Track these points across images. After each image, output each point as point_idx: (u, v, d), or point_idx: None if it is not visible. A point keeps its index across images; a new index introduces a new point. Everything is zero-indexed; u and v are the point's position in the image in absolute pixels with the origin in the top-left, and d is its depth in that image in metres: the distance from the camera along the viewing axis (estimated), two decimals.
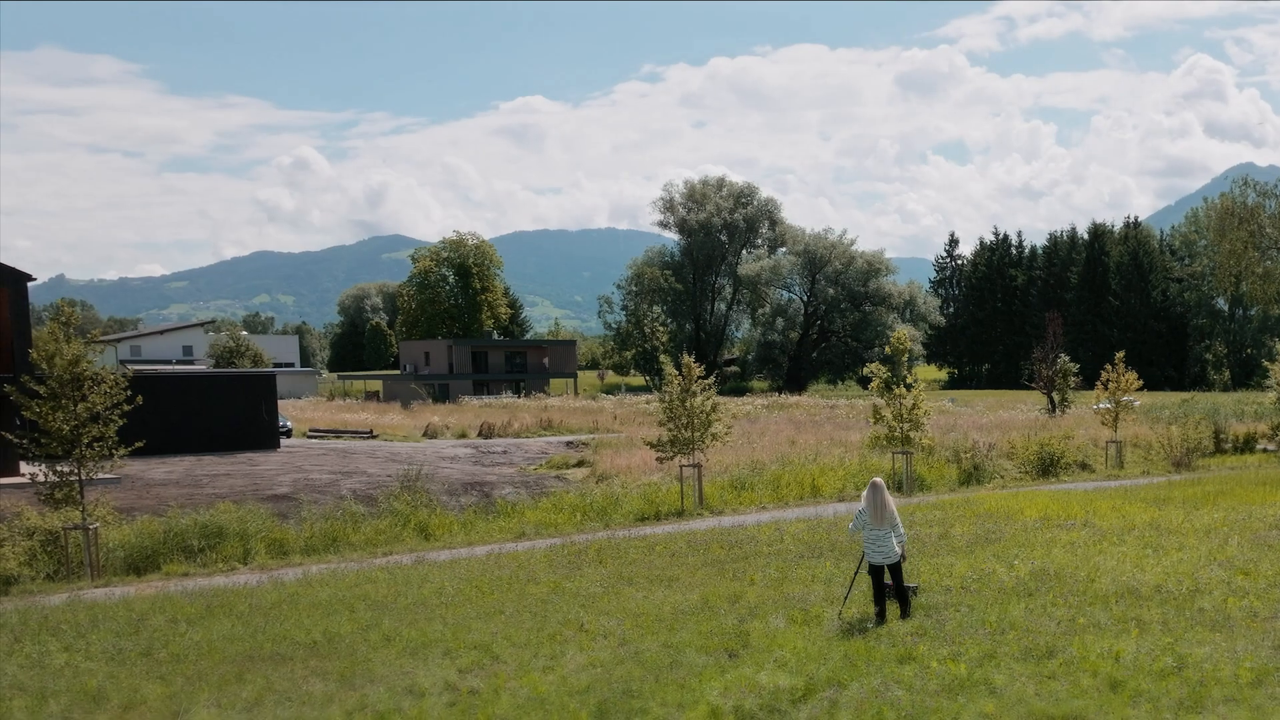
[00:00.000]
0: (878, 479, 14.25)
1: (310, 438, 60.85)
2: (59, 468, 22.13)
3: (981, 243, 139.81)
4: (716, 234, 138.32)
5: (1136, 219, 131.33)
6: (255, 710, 10.63)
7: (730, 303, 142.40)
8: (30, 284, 37.47)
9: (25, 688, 11.57)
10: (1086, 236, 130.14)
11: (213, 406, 48.58)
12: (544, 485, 35.83)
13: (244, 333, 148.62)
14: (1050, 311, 77.84)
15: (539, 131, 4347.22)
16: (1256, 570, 15.89)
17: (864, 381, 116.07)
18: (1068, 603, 14.12)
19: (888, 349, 35.29)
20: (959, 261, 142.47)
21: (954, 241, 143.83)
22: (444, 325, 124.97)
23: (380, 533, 25.78)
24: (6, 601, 17.86)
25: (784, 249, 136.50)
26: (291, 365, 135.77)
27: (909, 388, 33.84)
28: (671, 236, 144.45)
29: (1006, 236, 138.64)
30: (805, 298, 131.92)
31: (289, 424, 62.45)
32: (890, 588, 13.98)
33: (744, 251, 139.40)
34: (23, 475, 30.21)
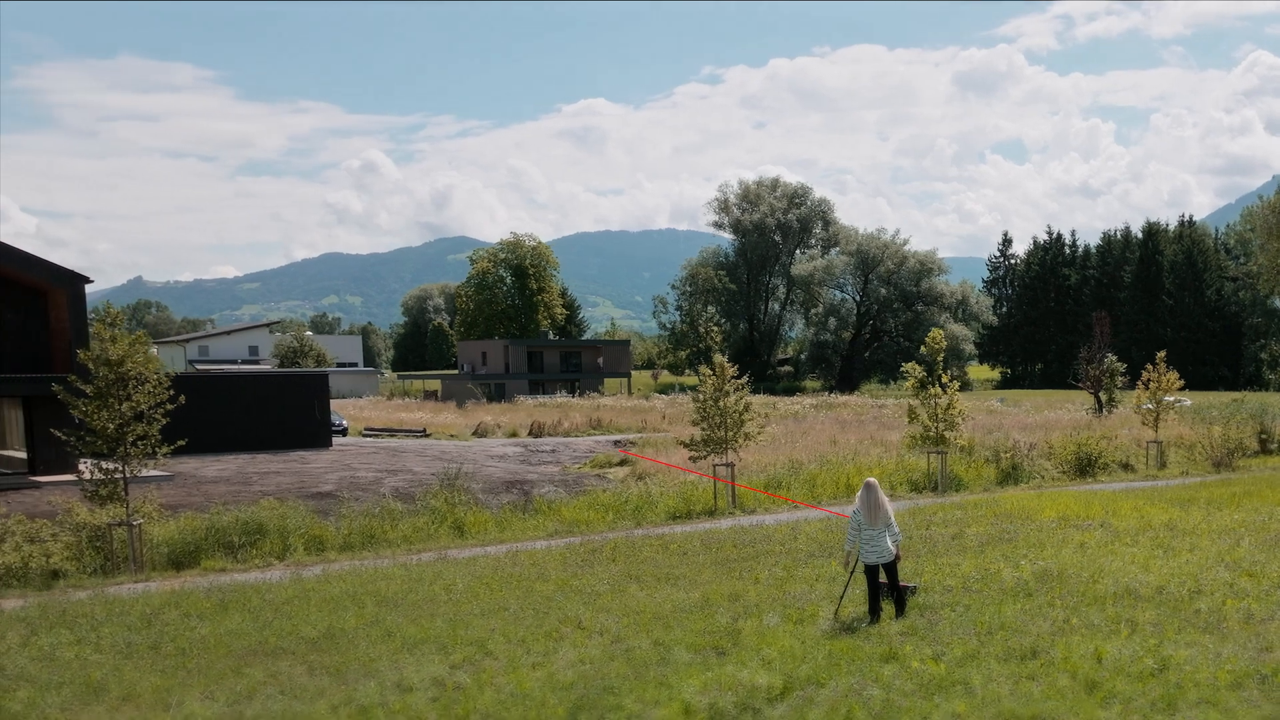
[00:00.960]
0: (871, 479, 14.23)
1: (365, 436, 61.49)
2: (104, 465, 22.51)
3: (1035, 242, 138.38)
4: (770, 234, 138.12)
5: (1191, 217, 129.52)
6: (246, 703, 10.81)
7: (784, 303, 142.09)
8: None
9: (32, 679, 11.84)
10: (1140, 235, 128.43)
11: (267, 406, 49.25)
12: (583, 484, 35.91)
13: (309, 333, 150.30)
14: (1098, 311, 76.97)
15: (601, 134, 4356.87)
16: (1263, 572, 15.69)
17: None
18: (1065, 603, 14.03)
19: (923, 349, 34.99)
20: (1012, 261, 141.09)
21: (1007, 241, 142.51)
22: (501, 325, 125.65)
23: (418, 530, 25.92)
24: (46, 596, 18.19)
25: (837, 249, 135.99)
26: (355, 365, 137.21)
27: (944, 387, 33.60)
28: (726, 237, 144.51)
29: (1060, 235, 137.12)
30: (858, 297, 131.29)
31: (344, 423, 63.08)
32: (885, 587, 13.98)
33: (797, 251, 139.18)
34: (81, 473, 30.91)
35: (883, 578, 13.95)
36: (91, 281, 37.26)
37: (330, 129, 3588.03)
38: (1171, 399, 41.46)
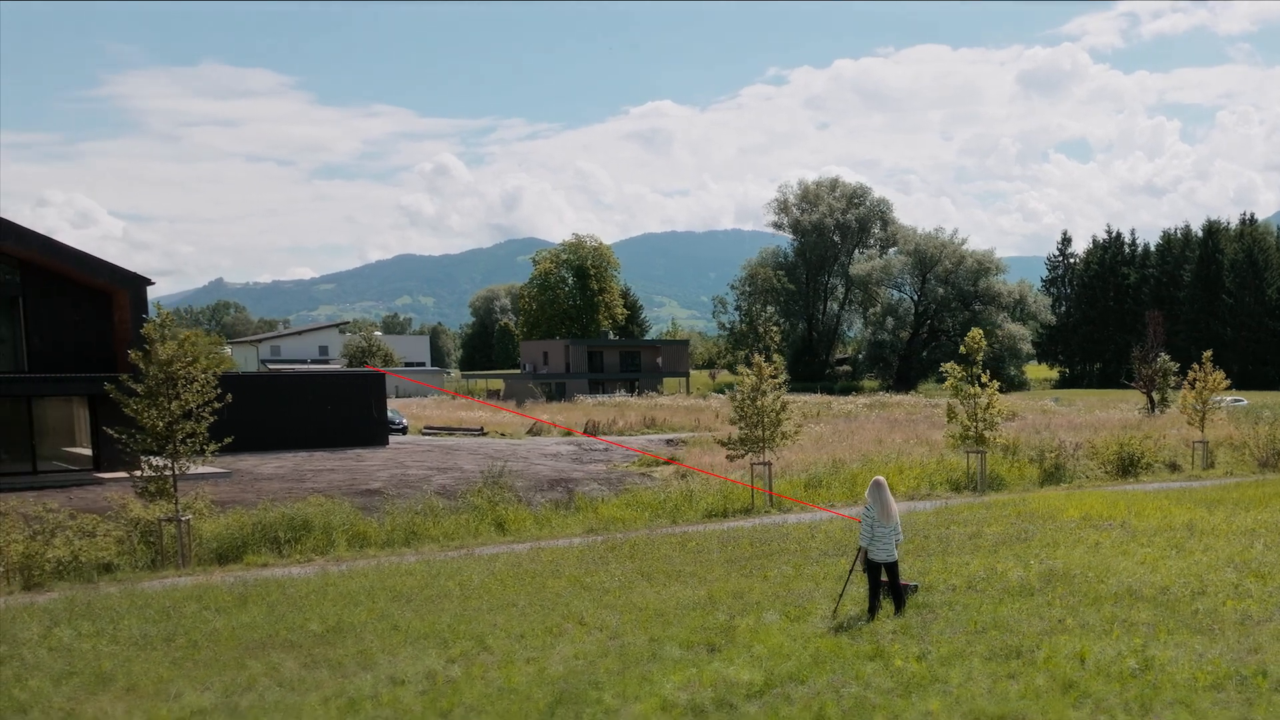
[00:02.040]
0: (880, 478, 14.21)
1: (424, 435, 62.02)
2: (155, 462, 22.89)
3: (1094, 241, 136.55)
4: (829, 234, 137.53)
5: (1253, 215, 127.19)
6: (242, 694, 10.99)
7: (842, 302, 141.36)
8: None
9: (46, 668, 12.11)
10: (1201, 234, 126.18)
11: (325, 405, 49.80)
12: (626, 482, 35.99)
13: (377, 333, 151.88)
14: (1151, 310, 75.90)
15: (667, 135, 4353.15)
16: (1270, 574, 15.45)
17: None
18: (1064, 603, 13.92)
19: (963, 348, 34.66)
20: (1072, 260, 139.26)
21: (1066, 240, 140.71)
22: (563, 326, 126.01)
23: (459, 527, 26.06)
24: (84, 589, 18.54)
25: (895, 249, 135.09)
26: (422, 365, 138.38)
27: (983, 387, 33.30)
28: (786, 237, 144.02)
29: (1119, 235, 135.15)
30: (915, 297, 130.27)
31: (404, 421, 63.65)
32: (885, 585, 13.94)
33: (856, 251, 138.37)
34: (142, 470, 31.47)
35: (884, 577, 13.93)
36: (153, 283, 38.01)
37: (403, 132, 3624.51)
38: (1226, 399, 40.69)
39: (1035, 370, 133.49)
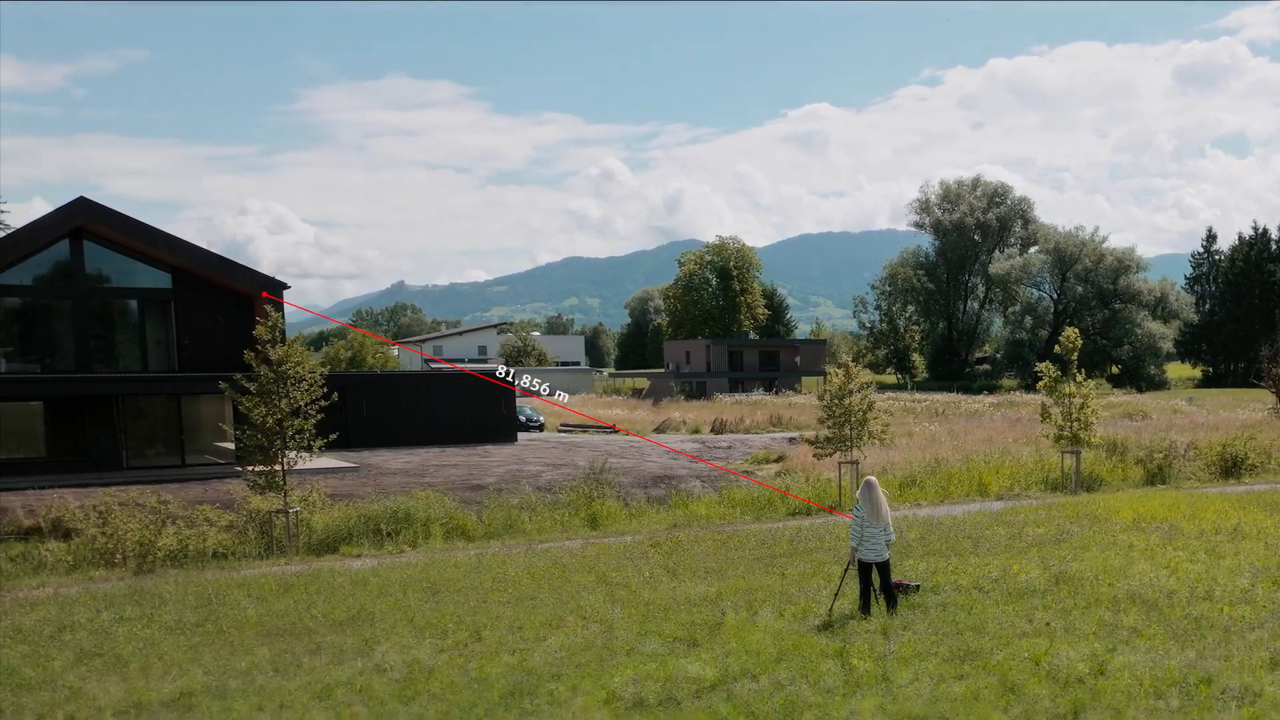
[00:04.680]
0: (871, 478, 14.06)
1: (559, 431, 62.81)
2: (288, 456, 23.75)
3: (1240, 238, 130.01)
4: (969, 234, 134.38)
5: None
6: (237, 678, 11.43)
7: (982, 301, 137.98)
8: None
9: (75, 649, 12.83)
10: None
11: (458, 403, 50.80)
12: (728, 479, 35.90)
13: (535, 334, 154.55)
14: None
15: (823, 137, 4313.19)
16: None
17: (1117, 380, 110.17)
18: (1060, 606, 13.52)
19: (1058, 348, 33.69)
20: (1217, 257, 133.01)
21: (1211, 237, 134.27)
22: (706, 326, 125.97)
23: (553, 521, 26.46)
24: (164, 575, 19.38)
25: (1035, 248, 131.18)
26: (576, 364, 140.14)
27: (1079, 386, 32.34)
28: (927, 236, 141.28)
29: (1266, 231, 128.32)
30: (1055, 296, 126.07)
31: (541, 419, 64.50)
32: (882, 584, 13.76)
33: (996, 250, 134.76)
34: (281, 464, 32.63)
35: (876, 577, 13.75)
36: (289, 287, 39.56)
37: (571, 139, 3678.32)
38: None
39: (1178, 369, 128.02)
